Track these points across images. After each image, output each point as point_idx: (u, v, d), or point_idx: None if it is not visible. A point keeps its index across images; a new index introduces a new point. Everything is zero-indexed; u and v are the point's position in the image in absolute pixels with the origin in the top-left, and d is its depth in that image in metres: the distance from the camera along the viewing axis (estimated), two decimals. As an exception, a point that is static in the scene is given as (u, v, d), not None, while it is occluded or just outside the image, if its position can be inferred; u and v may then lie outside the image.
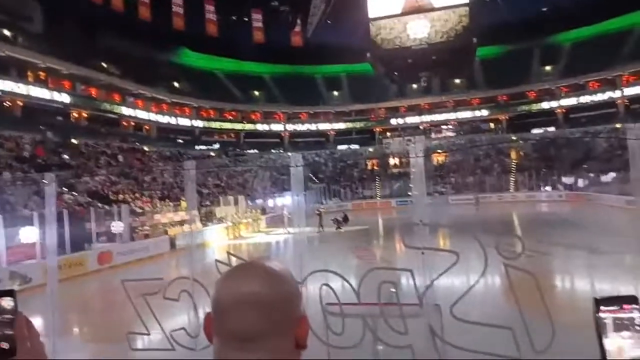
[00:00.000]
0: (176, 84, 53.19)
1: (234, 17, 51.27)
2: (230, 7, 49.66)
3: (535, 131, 51.21)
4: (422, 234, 4.73)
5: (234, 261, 4.58)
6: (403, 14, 43.53)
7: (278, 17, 51.25)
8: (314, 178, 45.95)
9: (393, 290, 4.76)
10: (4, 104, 34.95)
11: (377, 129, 59.41)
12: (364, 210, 41.40)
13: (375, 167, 51.06)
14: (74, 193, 25.38)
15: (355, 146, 57.54)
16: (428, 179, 5.37)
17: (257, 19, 51.67)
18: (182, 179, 32.24)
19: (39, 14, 40.78)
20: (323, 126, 60.11)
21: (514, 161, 46.21)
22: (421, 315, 4.56)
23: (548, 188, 41.13)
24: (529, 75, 54.45)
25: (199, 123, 53.62)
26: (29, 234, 16.60)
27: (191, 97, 52.70)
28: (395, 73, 48.12)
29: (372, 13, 44.06)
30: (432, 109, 58.06)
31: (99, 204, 24.15)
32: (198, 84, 53.57)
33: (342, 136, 59.60)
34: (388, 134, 57.77)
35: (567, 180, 40.78)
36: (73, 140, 35.42)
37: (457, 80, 57.30)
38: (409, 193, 33.88)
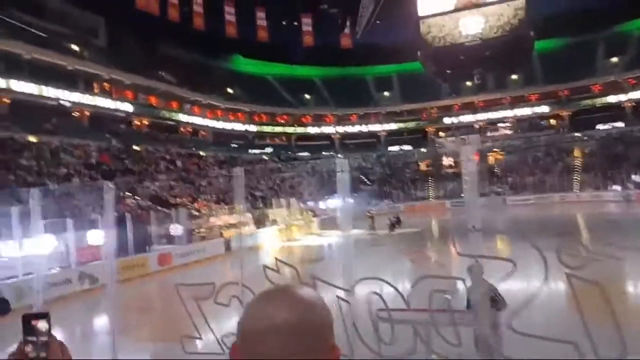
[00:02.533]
0: (230, 90, 54.79)
1: (284, 22, 52.02)
2: (280, 12, 50.47)
3: (600, 127, 48.14)
4: (475, 240, 4.51)
5: (280, 267, 4.60)
6: (455, 10, 42.34)
7: (327, 19, 51.45)
8: (365, 180, 45.64)
9: (448, 297, 4.60)
10: (73, 114, 37.41)
11: (430, 129, 58.18)
12: (417, 212, 40.61)
13: (428, 168, 50.00)
14: (136, 197, 26.67)
15: (407, 147, 56.55)
16: (483, 180, 5.14)
17: (306, 23, 52.08)
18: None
19: (103, 27, 43.36)
20: (374, 127, 59.67)
21: (577, 159, 43.69)
22: (474, 324, 4.36)
23: (616, 187, 38.50)
24: (593, 68, 51.37)
25: (252, 127, 54.93)
26: (95, 237, 17.61)
27: (244, 103, 54.10)
28: (448, 71, 46.87)
29: (422, 11, 43.12)
30: (488, 106, 56.10)
31: (159, 208, 25.24)
32: (250, 90, 54.87)
33: (393, 137, 58.84)
34: (441, 133, 56.34)
35: (638, 178, 38.01)
36: (135, 147, 37.31)
37: (514, 76, 55.01)
38: (463, 194, 32.74)
